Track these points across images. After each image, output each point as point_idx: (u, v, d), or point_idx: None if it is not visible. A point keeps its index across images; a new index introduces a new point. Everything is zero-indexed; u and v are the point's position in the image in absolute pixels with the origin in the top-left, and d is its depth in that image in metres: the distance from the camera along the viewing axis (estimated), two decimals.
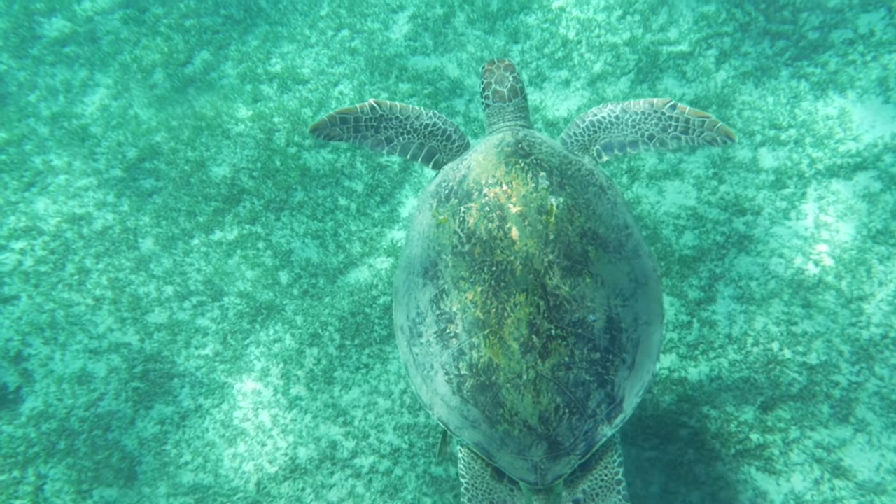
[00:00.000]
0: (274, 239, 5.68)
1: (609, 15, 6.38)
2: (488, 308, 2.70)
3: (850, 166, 5.15)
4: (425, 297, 2.90)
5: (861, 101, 5.41)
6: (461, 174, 3.08)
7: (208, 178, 5.95)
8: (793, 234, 5.03)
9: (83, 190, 5.99)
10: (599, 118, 3.38)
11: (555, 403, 2.66)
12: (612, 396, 2.74)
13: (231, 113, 6.28)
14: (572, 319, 2.68)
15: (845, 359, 4.47)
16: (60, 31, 7.05)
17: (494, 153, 3.07)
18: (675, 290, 5.01)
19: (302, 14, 6.90)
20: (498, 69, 3.54)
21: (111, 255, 5.62)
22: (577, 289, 2.72)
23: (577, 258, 2.77)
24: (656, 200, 5.41)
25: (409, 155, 3.46)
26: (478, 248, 2.80)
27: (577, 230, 2.82)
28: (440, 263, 2.89)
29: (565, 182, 2.94)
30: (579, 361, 2.67)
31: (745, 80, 5.73)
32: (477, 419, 2.75)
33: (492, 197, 2.89)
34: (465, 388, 2.76)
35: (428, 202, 3.15)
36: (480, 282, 2.75)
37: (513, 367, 2.66)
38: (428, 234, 3.02)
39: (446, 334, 2.80)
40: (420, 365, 2.92)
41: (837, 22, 5.73)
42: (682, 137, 3.35)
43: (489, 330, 2.70)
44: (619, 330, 2.75)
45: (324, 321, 5.32)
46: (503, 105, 3.48)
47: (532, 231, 2.78)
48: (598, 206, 2.96)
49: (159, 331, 5.32)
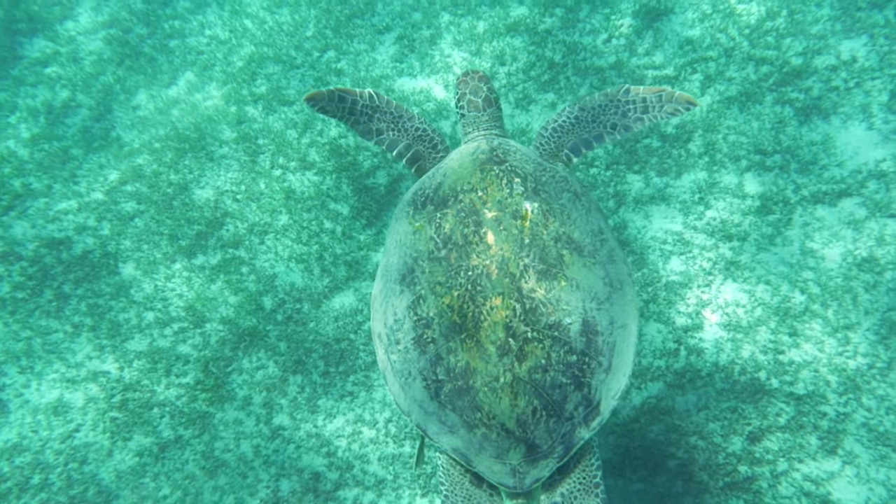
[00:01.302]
0: (258, 263, 5.60)
1: (595, 38, 6.39)
2: (465, 312, 2.71)
3: (835, 193, 5.17)
4: (402, 303, 2.92)
5: (845, 127, 5.43)
6: (437, 181, 3.12)
7: (191, 202, 5.86)
8: (779, 261, 5.03)
9: (63, 214, 5.88)
10: (560, 122, 3.45)
11: (532, 406, 2.67)
12: (589, 399, 2.75)
13: (215, 135, 6.20)
14: (548, 322, 2.70)
15: (833, 389, 4.45)
16: (42, 51, 6.96)
17: (470, 160, 3.11)
18: (662, 316, 4.99)
19: (287, 35, 6.86)
20: (472, 80, 3.59)
21: (91, 281, 5.51)
22: (553, 292, 2.74)
23: (552, 262, 2.80)
24: (643, 225, 5.39)
25: (395, 152, 3.52)
26: (454, 253, 2.83)
27: (551, 235, 2.86)
28: (417, 270, 2.91)
29: (539, 188, 2.98)
30: (556, 364, 2.68)
31: (729, 104, 5.74)
32: (455, 424, 2.76)
33: (467, 203, 2.92)
34: (442, 392, 2.76)
35: (404, 210, 3.18)
36: (457, 286, 2.77)
37: (490, 370, 2.67)
38: (404, 241, 3.04)
39: (423, 340, 2.80)
40: (398, 372, 2.92)
41: (820, 48, 5.77)
42: (644, 118, 3.41)
43: (466, 334, 2.71)
44: (595, 333, 2.77)
45: (308, 348, 5.25)
46: (478, 115, 3.54)
47: (507, 235, 2.81)
48: (573, 211, 3.00)
49: (139, 359, 5.21)
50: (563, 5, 6.64)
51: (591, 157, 5.73)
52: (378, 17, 6.95)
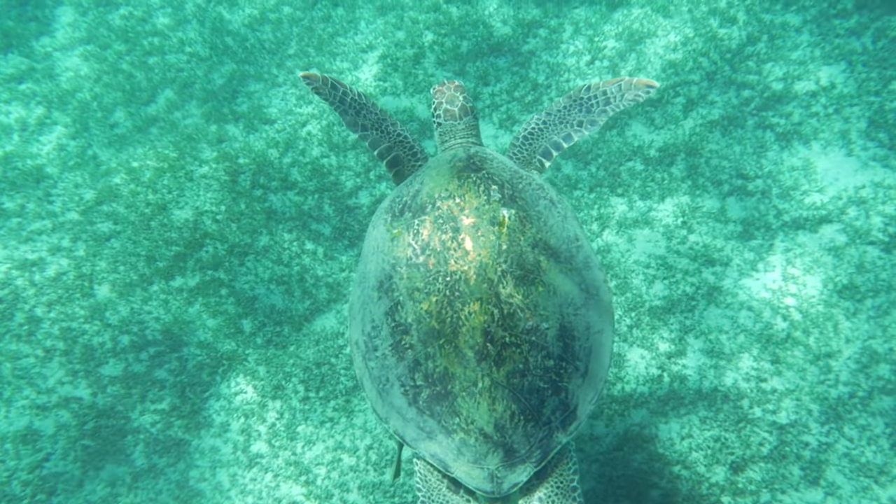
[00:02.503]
0: (237, 285, 5.50)
1: (578, 60, 6.40)
2: (443, 318, 2.72)
3: (816, 219, 5.19)
4: (380, 310, 2.92)
5: (825, 152, 5.47)
6: (415, 189, 3.13)
7: (170, 222, 5.76)
8: (761, 287, 5.04)
9: (36, 234, 5.74)
10: (530, 130, 3.54)
11: (510, 411, 2.67)
12: (566, 404, 2.76)
13: (195, 154, 6.11)
14: (526, 327, 2.71)
15: (815, 418, 4.45)
16: (17, 67, 6.82)
17: (447, 168, 3.12)
18: (645, 342, 4.97)
19: (269, 52, 6.80)
20: (448, 89, 3.63)
21: (64, 304, 5.38)
22: (530, 297, 2.75)
23: (530, 268, 2.81)
24: (626, 249, 5.38)
25: (377, 151, 3.57)
26: (432, 259, 2.83)
27: (528, 241, 2.87)
28: (395, 276, 2.91)
29: (516, 195, 3.00)
30: (534, 369, 2.69)
31: (712, 128, 5.77)
32: (433, 429, 2.76)
33: (445, 209, 2.93)
34: (420, 398, 2.76)
35: (382, 218, 3.19)
36: (435, 292, 2.77)
37: (468, 375, 2.67)
38: (382, 248, 3.05)
39: (402, 346, 2.81)
40: (376, 379, 2.92)
41: (800, 73, 5.82)
42: (608, 109, 3.47)
43: (444, 339, 2.71)
44: (571, 338, 2.79)
45: (287, 372, 5.15)
46: (454, 123, 3.57)
47: (485, 241, 2.82)
48: (549, 218, 3.02)
49: (113, 384, 5.08)
50: (546, 26, 6.66)
51: (575, 179, 5.73)
52: (361, 35, 6.92)
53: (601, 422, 4.77)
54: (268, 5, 7.13)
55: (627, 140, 5.84)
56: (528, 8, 6.84)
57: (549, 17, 6.73)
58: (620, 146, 5.81)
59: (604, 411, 4.77)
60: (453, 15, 6.91)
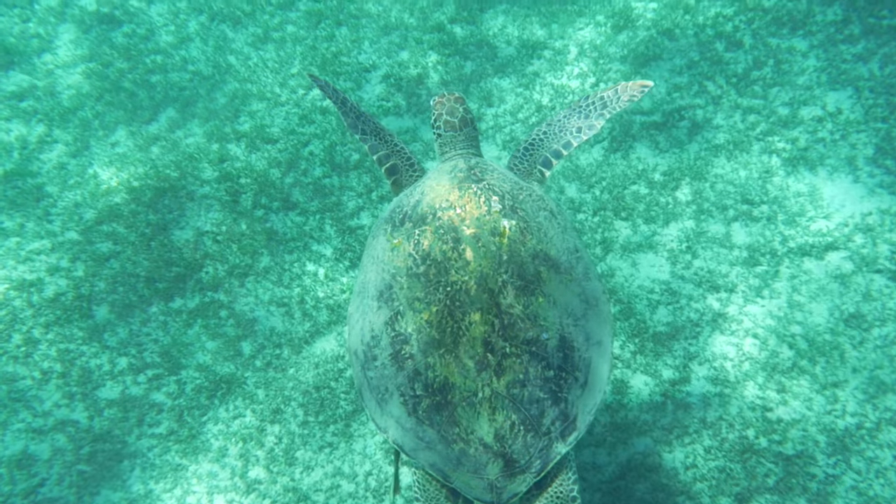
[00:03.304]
0: (237, 307, 5.45)
1: (583, 82, 6.38)
2: (443, 327, 2.73)
3: (822, 246, 5.14)
4: (380, 319, 2.93)
5: (831, 179, 5.43)
6: (415, 199, 3.15)
7: (170, 243, 5.71)
8: (767, 314, 4.98)
9: (35, 254, 5.69)
10: (531, 141, 3.64)
11: (510, 421, 2.68)
12: (565, 414, 2.77)
13: (196, 174, 6.08)
14: (526, 338, 2.72)
15: (821, 449, 4.38)
16: (18, 84, 6.80)
17: (448, 179, 3.14)
18: (648, 368, 4.91)
19: (272, 71, 6.78)
20: (448, 101, 3.68)
21: (62, 325, 5.32)
22: (531, 308, 2.77)
23: (530, 278, 2.82)
24: (630, 273, 5.33)
25: (376, 157, 3.66)
26: (433, 269, 2.84)
27: (529, 251, 2.89)
28: (395, 286, 2.92)
29: (517, 206, 3.02)
30: (533, 379, 2.70)
31: (717, 152, 5.73)
32: (433, 439, 2.76)
33: (446, 220, 2.94)
34: (420, 408, 2.77)
35: (382, 228, 3.20)
36: (436, 302, 2.78)
37: (468, 385, 2.68)
38: (382, 258, 3.05)
39: (401, 356, 2.81)
40: (375, 388, 2.92)
41: (806, 99, 5.79)
42: (605, 112, 3.63)
43: (444, 349, 2.72)
44: (571, 349, 2.81)
45: (287, 395, 5.09)
46: (455, 134, 3.60)
47: (486, 252, 2.83)
48: (549, 229, 3.04)
49: (110, 407, 5.02)
50: (551, 48, 6.64)
51: (579, 202, 5.69)
52: (364, 54, 6.91)
53: (603, 450, 4.69)
54: (271, 24, 7.13)
55: (632, 163, 5.81)
56: (533, 29, 6.83)
57: (554, 38, 6.72)
58: (624, 169, 5.77)
59: (606, 439, 4.69)
60: (457, 35, 6.91)
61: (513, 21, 6.95)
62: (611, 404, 4.80)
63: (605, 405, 4.81)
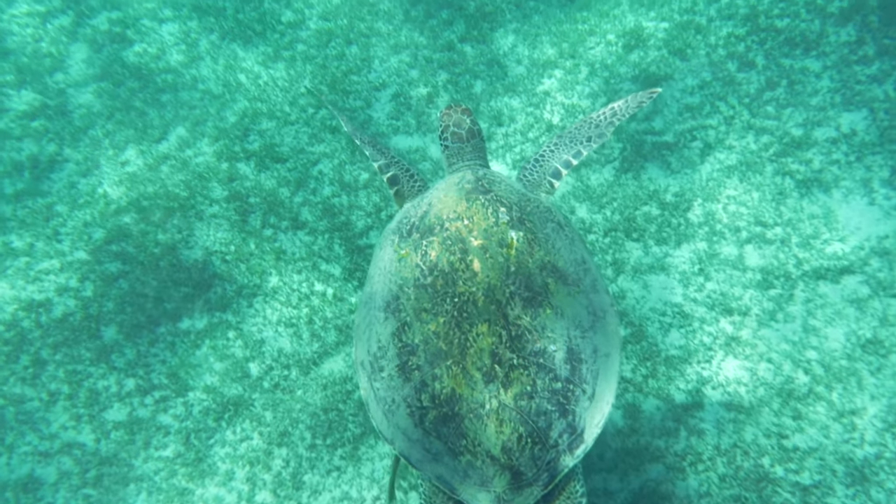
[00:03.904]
0: (245, 328, 5.42)
1: (594, 101, 6.35)
2: (451, 339, 2.72)
3: (837, 269, 5.07)
4: (387, 330, 2.91)
5: (846, 201, 5.37)
6: (422, 210, 3.15)
7: (178, 262, 5.70)
8: (781, 339, 4.90)
9: (44, 273, 5.69)
10: (542, 152, 3.72)
11: (517, 433, 2.66)
12: (573, 427, 2.75)
13: (205, 193, 6.07)
14: (534, 349, 2.71)
15: (840, 479, 4.29)
16: (30, 104, 6.82)
17: (455, 190, 3.15)
18: (661, 392, 4.83)
19: (282, 90, 6.79)
20: (455, 112, 3.71)
21: (70, 346, 5.30)
22: (538, 319, 2.76)
23: (538, 290, 2.82)
24: (641, 295, 5.27)
25: (377, 165, 3.70)
26: (440, 280, 2.84)
27: (536, 263, 2.89)
28: (402, 297, 2.91)
29: (525, 217, 3.02)
30: (541, 391, 2.68)
31: (730, 173, 5.68)
32: (439, 451, 2.75)
33: (453, 231, 2.94)
34: (427, 419, 2.74)
35: (389, 238, 3.20)
36: (443, 313, 2.77)
37: (475, 396, 2.66)
38: (389, 269, 3.06)
39: (408, 367, 2.80)
40: (381, 399, 2.90)
41: (820, 119, 5.74)
42: (615, 120, 3.78)
43: (452, 360, 2.71)
44: (578, 361, 2.79)
45: (294, 418, 5.04)
46: (462, 146, 3.64)
47: (493, 263, 2.83)
48: (557, 240, 3.05)
49: (117, 429, 4.99)
50: (562, 67, 6.62)
51: (589, 223, 5.64)
52: (374, 73, 6.90)
53: (615, 476, 4.62)
54: (282, 42, 7.15)
55: (643, 184, 5.76)
56: (544, 48, 6.82)
57: (565, 57, 6.70)
58: (636, 190, 5.73)
59: (618, 465, 4.62)
60: (468, 54, 6.90)
61: (523, 40, 6.94)
62: (622, 429, 4.73)
63: (616, 430, 4.74)
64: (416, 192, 3.65)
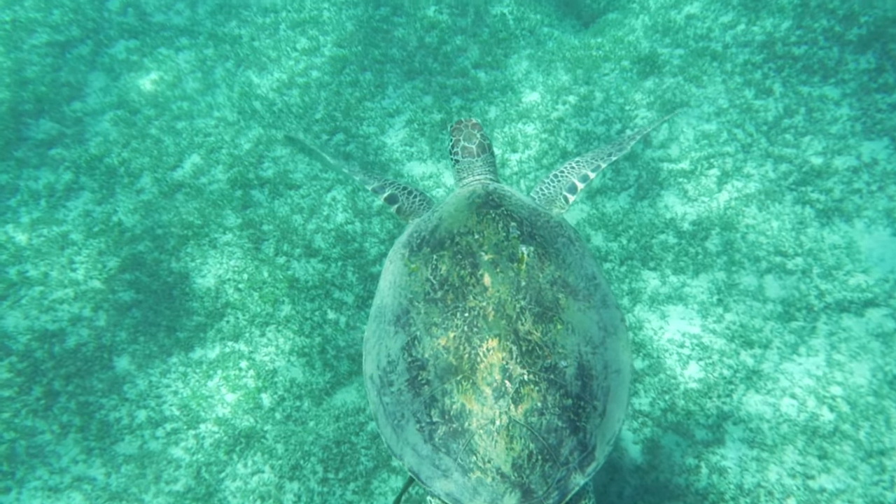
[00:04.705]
0: (258, 357, 5.37)
1: (609, 128, 6.29)
2: (461, 353, 2.71)
3: (861, 302, 4.95)
4: (396, 344, 2.90)
5: (869, 231, 5.25)
6: (433, 224, 3.16)
7: (191, 291, 5.68)
8: (804, 373, 4.78)
9: (58, 303, 5.69)
10: (561, 168, 3.75)
11: (528, 450, 2.62)
12: (584, 444, 2.72)
13: (219, 221, 6.06)
14: (544, 365, 2.69)
15: None
16: (48, 132, 6.88)
17: (466, 204, 3.16)
18: (680, 428, 4.72)
19: (297, 117, 6.80)
20: (466, 127, 3.73)
21: (82, 376, 5.28)
22: (549, 335, 2.75)
23: (549, 305, 2.81)
24: (659, 326, 5.17)
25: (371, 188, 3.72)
26: (450, 295, 2.84)
27: (547, 278, 2.89)
28: (412, 311, 2.90)
29: (535, 232, 3.03)
30: (552, 407, 2.66)
31: (748, 202, 5.59)
32: (449, 468, 2.69)
33: (464, 245, 2.95)
34: (436, 435, 2.71)
35: (399, 252, 3.20)
36: (453, 327, 2.77)
37: (486, 412, 2.64)
38: (399, 282, 3.05)
39: (418, 381, 2.78)
40: (391, 414, 2.87)
41: (840, 148, 5.65)
42: (636, 135, 3.84)
43: (462, 375, 2.69)
44: (589, 377, 2.77)
45: (306, 451, 4.97)
46: (472, 160, 3.65)
47: (504, 278, 2.83)
48: (568, 255, 3.04)
49: (128, 463, 4.94)
50: (576, 93, 6.59)
51: (605, 251, 5.56)
52: (388, 99, 6.90)
53: None
54: (296, 69, 7.17)
55: (659, 212, 5.68)
56: (558, 74, 6.79)
57: (579, 83, 6.67)
58: (652, 218, 5.65)
59: (637, 503, 4.50)
60: (481, 80, 6.89)
61: (537, 66, 6.92)
62: (641, 465, 4.62)
63: (634, 466, 4.63)
64: (419, 207, 3.69)
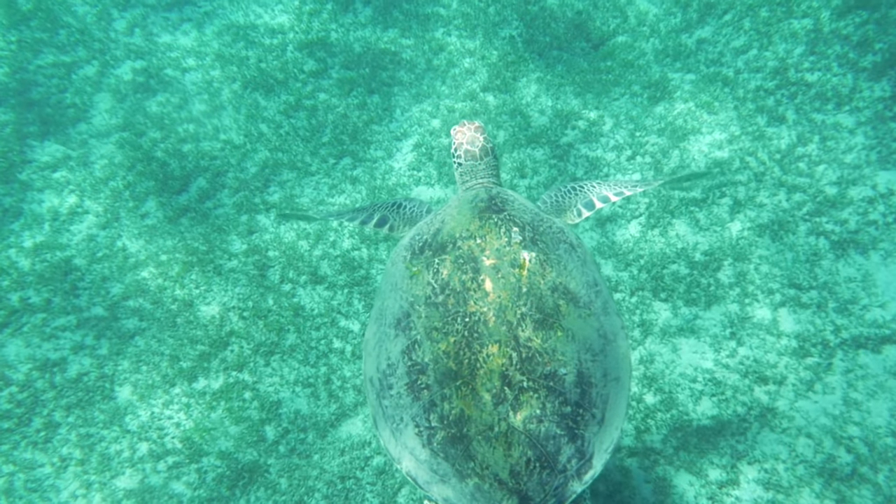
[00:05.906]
0: (262, 388, 5.28)
1: (619, 155, 6.21)
2: (461, 359, 2.71)
3: (878, 338, 4.85)
4: (396, 348, 2.90)
5: (885, 264, 5.15)
6: (435, 228, 3.14)
7: (195, 319, 5.60)
8: (820, 412, 4.67)
9: (60, 331, 5.61)
10: (582, 183, 3.69)
11: (526, 457, 2.63)
12: (582, 452, 2.72)
13: (224, 247, 5.99)
14: (544, 372, 2.69)
15: None
16: (52, 155, 6.83)
17: (468, 208, 3.15)
18: (693, 466, 4.61)
19: (304, 140, 6.74)
20: (469, 130, 3.69)
21: (83, 407, 5.20)
22: (549, 342, 2.75)
23: (549, 311, 2.81)
24: (670, 359, 5.07)
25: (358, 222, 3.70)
26: (451, 299, 2.83)
27: (548, 284, 2.88)
28: (413, 314, 2.90)
29: (537, 238, 3.03)
30: (551, 414, 2.67)
31: (761, 232, 5.50)
32: (447, 473, 2.70)
33: (466, 249, 2.95)
34: (435, 440, 2.72)
35: (401, 255, 3.18)
36: (453, 332, 2.76)
37: (484, 418, 2.64)
38: (401, 286, 3.04)
39: (417, 385, 2.78)
40: (389, 417, 2.88)
41: (855, 178, 5.55)
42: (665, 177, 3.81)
43: (461, 381, 2.69)
44: (589, 385, 2.77)
45: (310, 486, 4.87)
46: (475, 164, 3.62)
47: (505, 283, 2.83)
48: (569, 262, 3.03)
49: (128, 498, 4.84)
50: (586, 119, 6.51)
51: (615, 281, 5.47)
52: (396, 123, 6.84)
53: None
54: (304, 92, 7.12)
55: (670, 241, 5.59)
56: (567, 98, 6.72)
57: (589, 108, 6.59)
58: (663, 247, 5.56)
59: None
60: (490, 104, 6.82)
61: (546, 90, 6.85)
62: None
63: None
64: (415, 215, 3.69)
